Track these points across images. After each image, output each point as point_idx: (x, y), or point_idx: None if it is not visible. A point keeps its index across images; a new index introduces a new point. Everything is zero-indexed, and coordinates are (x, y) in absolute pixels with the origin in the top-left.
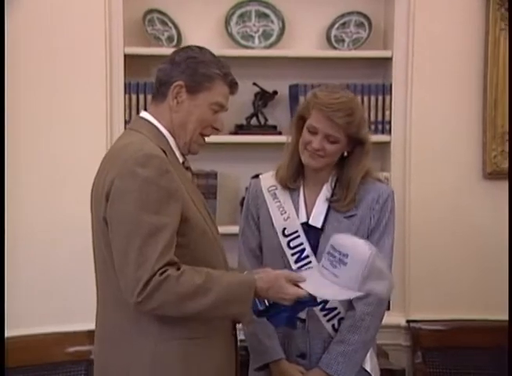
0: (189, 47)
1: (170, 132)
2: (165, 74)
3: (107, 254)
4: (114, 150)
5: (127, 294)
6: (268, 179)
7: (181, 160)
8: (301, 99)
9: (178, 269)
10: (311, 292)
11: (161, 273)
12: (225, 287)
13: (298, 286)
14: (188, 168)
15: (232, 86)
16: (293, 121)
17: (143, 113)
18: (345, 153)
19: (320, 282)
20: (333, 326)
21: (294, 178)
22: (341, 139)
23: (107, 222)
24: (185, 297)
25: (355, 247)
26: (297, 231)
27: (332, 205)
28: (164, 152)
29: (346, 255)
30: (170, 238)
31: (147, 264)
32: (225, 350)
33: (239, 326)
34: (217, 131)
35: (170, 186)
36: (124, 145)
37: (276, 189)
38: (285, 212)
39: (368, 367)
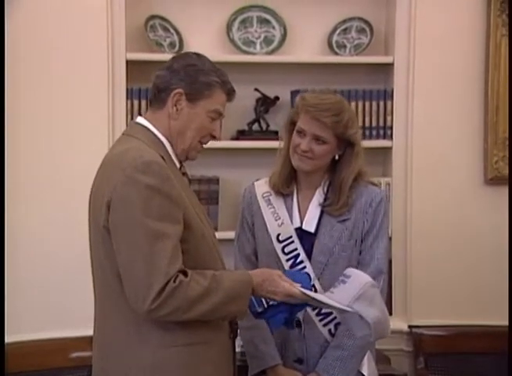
0: (187, 54)
1: (167, 139)
2: (164, 80)
3: (107, 261)
4: (112, 156)
5: (136, 301)
6: (262, 186)
7: (178, 165)
8: None
9: (186, 274)
10: (304, 291)
11: (174, 280)
12: (227, 286)
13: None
14: (184, 174)
15: (230, 93)
16: (284, 127)
17: (139, 119)
18: (336, 157)
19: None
20: (329, 331)
21: (287, 183)
22: (329, 139)
23: (109, 231)
24: (195, 300)
25: (359, 274)
26: (291, 236)
27: (325, 209)
28: (163, 158)
29: (348, 277)
30: (177, 244)
31: (159, 270)
32: (224, 354)
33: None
34: (215, 139)
35: (172, 192)
36: (122, 151)
37: (270, 195)
38: (279, 218)
39: (365, 372)
